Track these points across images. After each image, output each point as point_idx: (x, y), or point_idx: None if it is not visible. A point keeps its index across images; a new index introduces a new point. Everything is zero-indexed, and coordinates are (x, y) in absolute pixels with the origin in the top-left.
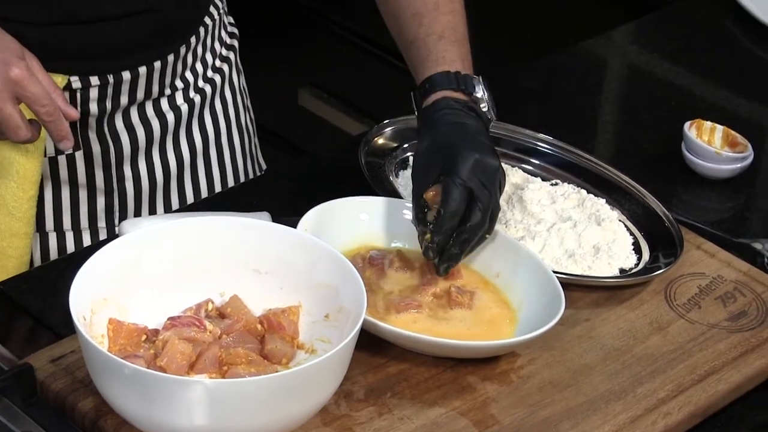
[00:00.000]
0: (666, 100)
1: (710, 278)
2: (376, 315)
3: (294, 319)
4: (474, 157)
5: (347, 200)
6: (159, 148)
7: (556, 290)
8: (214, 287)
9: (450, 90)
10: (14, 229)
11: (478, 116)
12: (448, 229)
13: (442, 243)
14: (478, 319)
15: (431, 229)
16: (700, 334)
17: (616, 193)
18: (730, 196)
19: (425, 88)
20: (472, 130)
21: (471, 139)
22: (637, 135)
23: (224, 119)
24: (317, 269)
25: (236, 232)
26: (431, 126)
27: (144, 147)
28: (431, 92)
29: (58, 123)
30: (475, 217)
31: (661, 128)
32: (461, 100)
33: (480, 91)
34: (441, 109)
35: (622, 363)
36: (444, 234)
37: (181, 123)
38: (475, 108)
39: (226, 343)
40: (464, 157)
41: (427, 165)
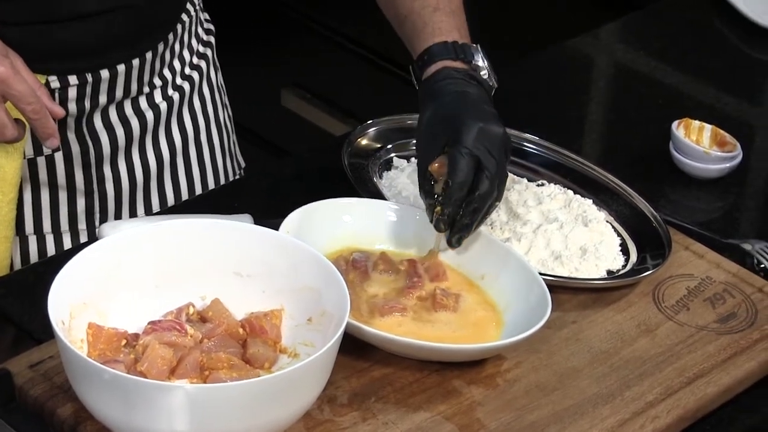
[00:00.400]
0: (653, 99)
1: (699, 279)
2: (359, 318)
3: (276, 322)
4: (478, 126)
5: (330, 202)
6: (139, 148)
7: (543, 292)
8: (195, 291)
9: (449, 60)
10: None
11: (480, 84)
12: (458, 199)
13: (452, 214)
14: (463, 322)
15: (440, 201)
16: (688, 336)
17: (603, 194)
18: (718, 196)
19: (424, 60)
20: (475, 98)
21: (474, 108)
22: (624, 134)
23: (203, 117)
24: (300, 272)
25: (217, 234)
26: (433, 97)
27: (124, 146)
28: (430, 63)
29: (44, 121)
30: (484, 186)
31: (649, 128)
32: (461, 69)
33: (479, 59)
34: (442, 80)
35: (609, 366)
36: (454, 205)
37: (160, 121)
38: (476, 76)
39: (207, 348)
40: (468, 125)
41: (431, 136)
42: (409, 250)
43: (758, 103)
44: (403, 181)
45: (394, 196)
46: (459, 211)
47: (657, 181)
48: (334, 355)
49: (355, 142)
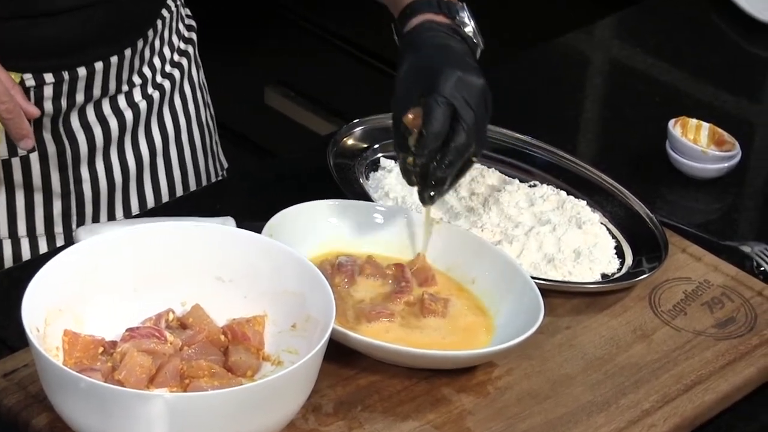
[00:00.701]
0: (650, 97)
1: (696, 283)
2: (345, 324)
3: (259, 329)
4: (456, 74)
5: (315, 204)
6: (117, 148)
7: (535, 297)
8: (175, 296)
9: (432, 13)
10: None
11: (464, 40)
12: (432, 150)
13: (425, 166)
14: (453, 328)
15: (413, 152)
16: (686, 341)
17: (597, 195)
18: (717, 197)
19: (405, 14)
20: (457, 50)
21: (455, 58)
22: (619, 133)
23: (184, 116)
24: (283, 276)
25: (198, 238)
26: (412, 48)
27: (102, 147)
28: (412, 17)
29: (18, 121)
30: (459, 138)
31: (645, 126)
32: (444, 23)
33: (465, 16)
34: (423, 32)
35: (604, 373)
36: (427, 156)
37: (139, 121)
38: (459, 31)
39: (187, 355)
40: (446, 74)
41: (407, 86)
42: (397, 254)
43: (757, 101)
44: (390, 183)
45: (381, 197)
46: (433, 164)
47: (653, 181)
48: (319, 362)
49: (341, 141)
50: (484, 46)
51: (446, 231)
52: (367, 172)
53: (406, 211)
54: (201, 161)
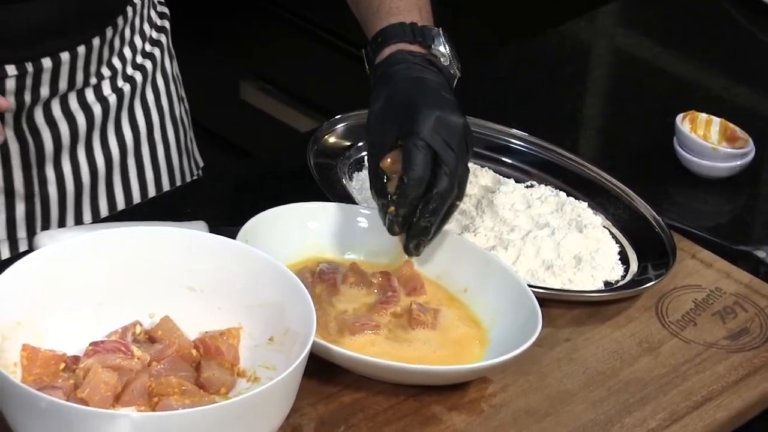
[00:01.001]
0: (656, 90)
1: (707, 291)
2: (327, 337)
3: (234, 342)
4: (435, 114)
5: (294, 207)
6: (85, 146)
7: (532, 307)
8: (143, 307)
9: (405, 42)
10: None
11: (440, 71)
12: (414, 198)
13: (407, 215)
14: (443, 341)
15: (394, 200)
16: (696, 354)
17: (599, 196)
18: (728, 198)
19: (377, 42)
20: (433, 86)
21: (432, 95)
22: (623, 129)
23: (157, 111)
24: (260, 286)
25: (168, 244)
26: (385, 82)
27: (68, 144)
28: (384, 46)
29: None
30: (442, 183)
31: (651, 122)
32: (418, 53)
33: (440, 44)
34: (396, 64)
35: (607, 389)
36: (410, 205)
37: (109, 116)
38: (435, 62)
39: (156, 371)
40: (424, 114)
41: (383, 128)
42: (383, 261)
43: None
44: None
45: (365, 199)
46: (416, 213)
47: (660, 181)
48: (299, 378)
49: (322, 139)
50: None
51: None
52: (351, 172)
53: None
54: (175, 160)
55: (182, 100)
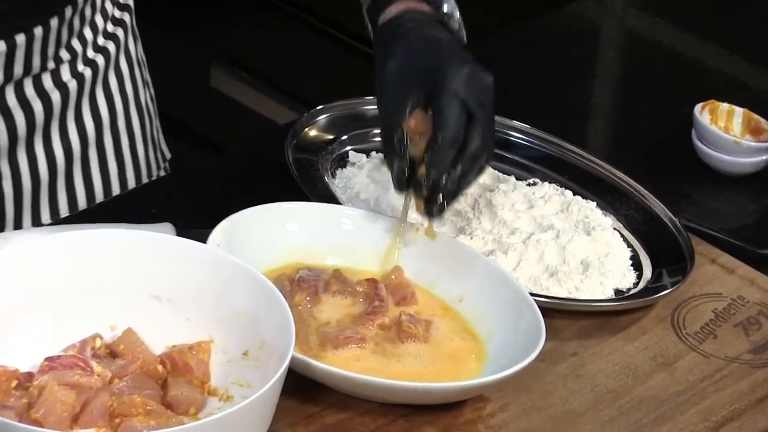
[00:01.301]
0: (672, 77)
1: (728, 300)
2: (307, 351)
3: (204, 357)
4: (466, 69)
5: (271, 207)
6: (43, 137)
7: (535, 317)
8: (103, 319)
9: (413, 1)
10: None
11: (451, 33)
12: (448, 159)
13: (439, 178)
14: (436, 355)
15: (428, 161)
16: (716, 370)
17: (609, 195)
18: (753, 197)
19: (380, 1)
20: (452, 44)
21: (455, 52)
22: (635, 121)
23: (120, 97)
24: (233, 295)
25: (131, 248)
26: (398, 41)
27: (24, 135)
28: (390, 4)
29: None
30: (474, 143)
31: (666, 112)
32: (428, 12)
33: (450, 5)
34: (406, 22)
35: (618, 408)
36: (443, 167)
37: (69, 104)
38: (445, 22)
39: (118, 390)
40: (455, 70)
41: (403, 87)
42: (369, 267)
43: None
44: (361, 181)
45: (350, 199)
46: (444, 175)
47: (676, 178)
48: (276, 397)
49: (302, 132)
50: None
51: (428, 239)
52: (334, 168)
53: (380, 216)
54: (140, 151)
55: (147, 85)
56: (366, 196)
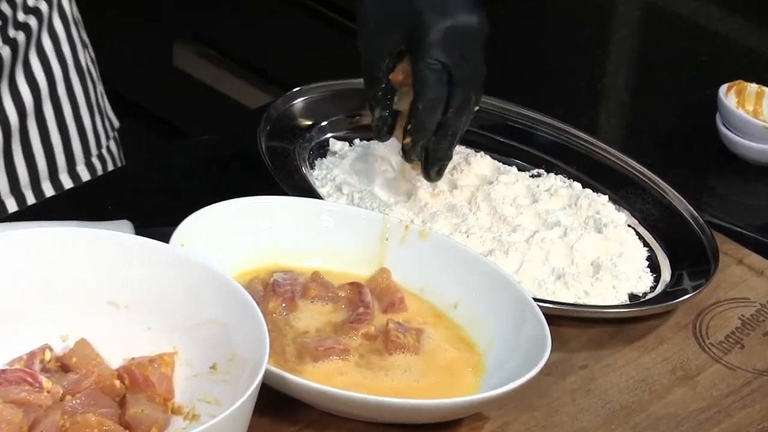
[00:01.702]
0: (694, 55)
1: (757, 305)
2: (283, 365)
3: (167, 371)
4: (444, 25)
5: (241, 202)
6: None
7: (539, 325)
8: (54, 328)
9: None
10: None
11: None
12: (432, 123)
13: (427, 143)
14: (429, 368)
15: (410, 130)
16: (743, 384)
17: (623, 188)
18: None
19: None
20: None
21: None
22: (653, 105)
23: (58, 60)
24: (199, 301)
25: (84, 249)
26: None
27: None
28: None
29: None
30: (457, 99)
31: (688, 95)
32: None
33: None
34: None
35: (633, 427)
36: (428, 131)
37: (2, 74)
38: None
39: (71, 407)
40: (431, 27)
41: (380, 32)
42: (353, 269)
43: None
44: (342, 172)
45: (330, 193)
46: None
47: (699, 168)
48: (248, 415)
49: (277, 118)
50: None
51: (419, 238)
52: (312, 158)
53: (364, 212)
54: (86, 119)
55: (86, 47)
56: (349, 189)
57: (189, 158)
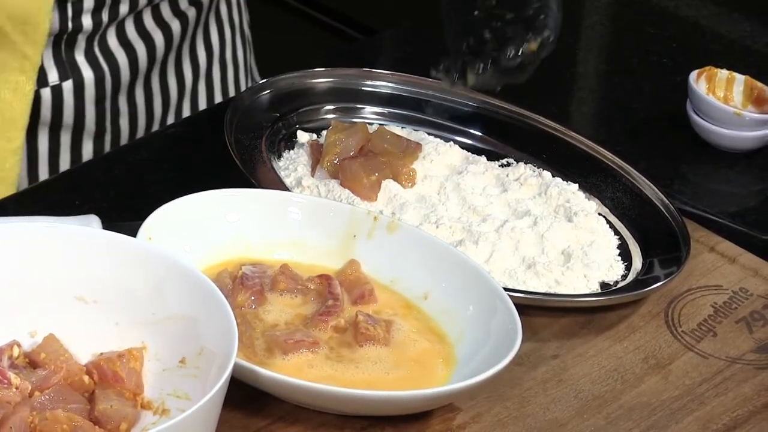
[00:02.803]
0: (664, 40)
1: (729, 293)
2: (253, 358)
3: (136, 366)
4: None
5: (208, 195)
6: (159, 71)
7: (510, 315)
8: (21, 324)
9: None
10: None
11: None
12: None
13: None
14: (399, 359)
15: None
16: (716, 372)
17: (593, 176)
18: (756, 176)
19: None
20: None
21: None
22: (623, 91)
23: (229, 25)
24: (167, 295)
25: (50, 245)
26: None
27: (144, 70)
28: None
29: None
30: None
31: (658, 81)
32: None
33: None
34: None
35: (605, 417)
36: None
37: (186, 34)
38: None
39: (39, 404)
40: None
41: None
42: (322, 261)
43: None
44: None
45: (298, 184)
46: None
47: (670, 156)
48: (218, 409)
49: (244, 109)
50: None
51: (388, 230)
52: (280, 150)
53: (333, 204)
54: (242, 82)
55: (246, 10)
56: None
57: (153, 150)
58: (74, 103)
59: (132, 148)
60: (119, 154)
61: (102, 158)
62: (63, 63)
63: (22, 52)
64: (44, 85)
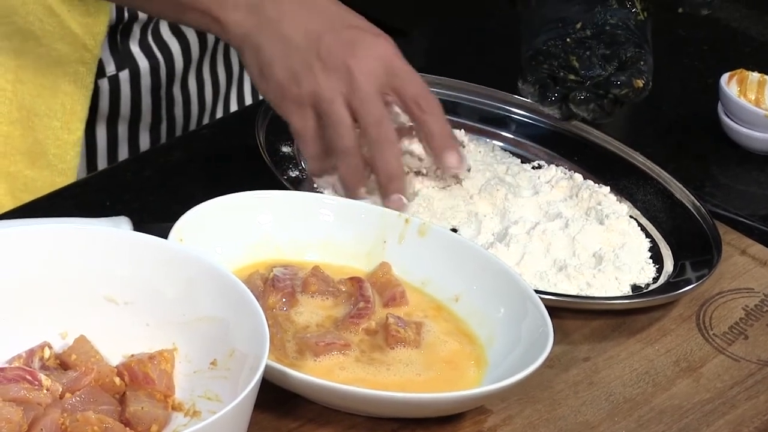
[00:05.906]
0: (695, 43)
1: (761, 296)
2: (284, 360)
3: (167, 368)
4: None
5: (240, 197)
6: (210, 59)
7: (541, 318)
8: (52, 325)
9: None
10: (57, 184)
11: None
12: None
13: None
14: (430, 361)
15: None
16: (747, 375)
17: (624, 178)
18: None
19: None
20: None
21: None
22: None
23: None
24: (198, 297)
25: (81, 246)
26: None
27: (197, 58)
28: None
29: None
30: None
31: (689, 83)
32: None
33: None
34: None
35: (636, 420)
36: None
37: None
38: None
39: (70, 405)
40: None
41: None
42: (353, 263)
43: None
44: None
45: (329, 185)
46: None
47: (701, 158)
48: (249, 411)
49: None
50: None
51: (419, 231)
52: None
53: (364, 206)
54: None
55: None
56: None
57: (186, 153)
58: (131, 93)
59: (163, 149)
60: (150, 155)
61: (133, 159)
62: (119, 53)
63: (82, 43)
64: (102, 75)
